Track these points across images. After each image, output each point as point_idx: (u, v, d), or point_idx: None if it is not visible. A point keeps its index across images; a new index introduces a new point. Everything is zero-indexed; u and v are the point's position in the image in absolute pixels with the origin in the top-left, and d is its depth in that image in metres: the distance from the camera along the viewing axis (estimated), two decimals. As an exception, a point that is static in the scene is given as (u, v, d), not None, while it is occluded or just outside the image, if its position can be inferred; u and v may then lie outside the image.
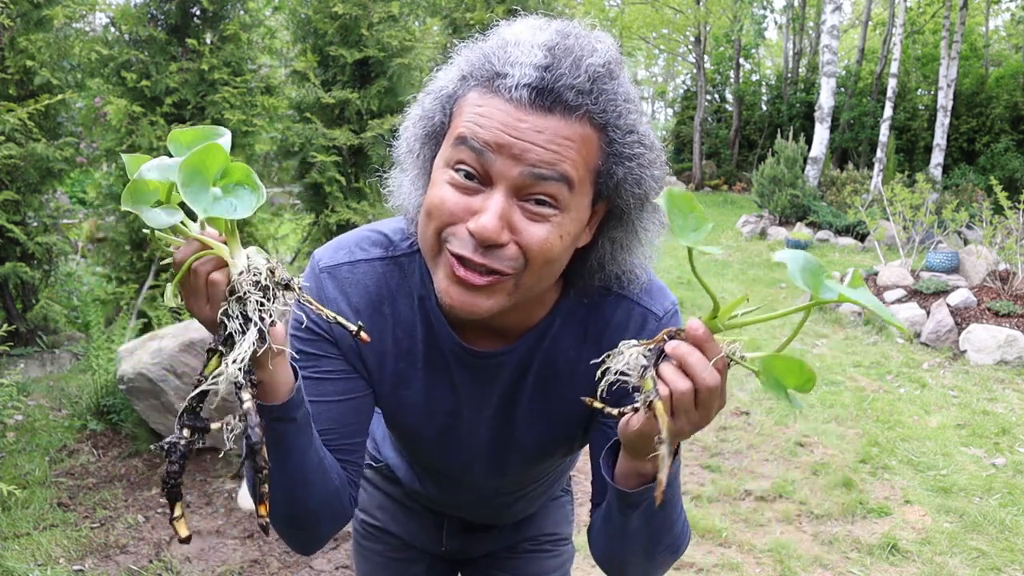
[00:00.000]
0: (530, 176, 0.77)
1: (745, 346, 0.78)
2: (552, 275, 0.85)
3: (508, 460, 1.06)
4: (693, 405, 0.74)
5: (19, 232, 4.33)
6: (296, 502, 0.89)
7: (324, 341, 0.95)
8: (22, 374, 4.01)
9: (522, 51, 0.78)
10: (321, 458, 0.90)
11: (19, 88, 4.48)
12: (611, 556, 0.95)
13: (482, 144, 0.78)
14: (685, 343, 0.74)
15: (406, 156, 0.91)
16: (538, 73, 0.77)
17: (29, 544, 2.72)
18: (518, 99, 0.77)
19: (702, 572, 2.79)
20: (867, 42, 21.51)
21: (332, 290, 0.94)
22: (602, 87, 0.79)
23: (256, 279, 0.71)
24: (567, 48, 0.78)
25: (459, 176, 0.80)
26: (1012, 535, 3.09)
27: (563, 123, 0.78)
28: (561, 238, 0.81)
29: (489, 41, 0.83)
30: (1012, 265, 6.30)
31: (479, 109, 0.79)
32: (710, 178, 19.49)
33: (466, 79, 0.82)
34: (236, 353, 0.69)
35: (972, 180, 15.07)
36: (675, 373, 0.74)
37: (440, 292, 0.84)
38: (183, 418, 0.70)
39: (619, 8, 21.32)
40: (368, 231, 0.99)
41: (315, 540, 0.97)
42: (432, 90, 0.87)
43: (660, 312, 0.97)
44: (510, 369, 0.97)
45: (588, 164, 0.80)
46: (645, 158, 0.83)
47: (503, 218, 0.78)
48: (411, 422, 1.02)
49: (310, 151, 4.83)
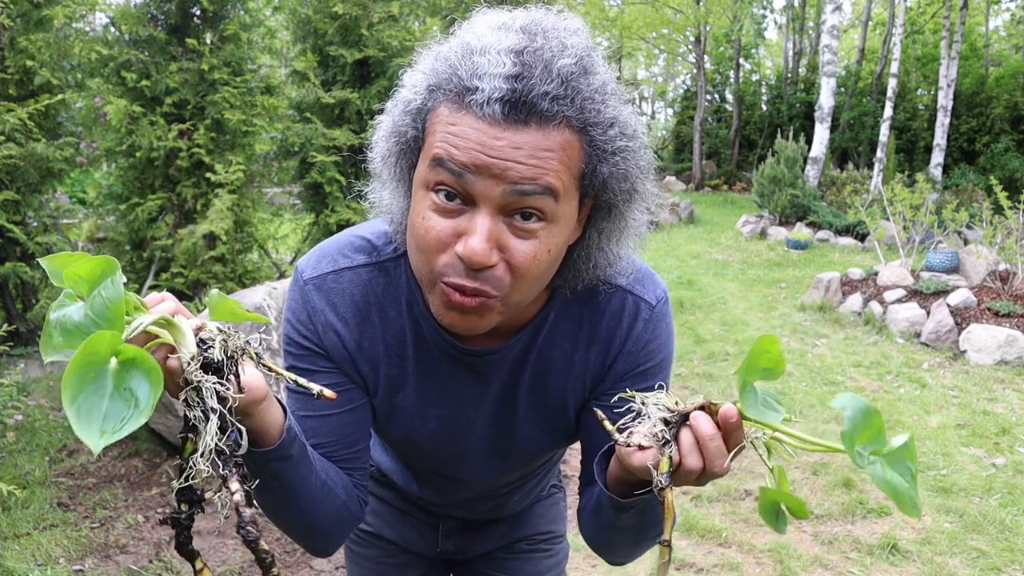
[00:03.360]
0: (513, 193, 0.75)
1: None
2: (541, 285, 0.85)
3: (507, 455, 1.06)
4: (696, 479, 0.74)
5: (19, 232, 4.34)
6: (304, 523, 0.91)
7: (316, 355, 0.94)
8: (22, 374, 4.01)
9: (489, 60, 0.74)
10: (324, 480, 0.90)
11: (19, 88, 4.49)
12: (597, 540, 0.98)
13: (460, 167, 0.75)
14: (711, 424, 0.73)
15: (382, 168, 0.88)
16: (508, 85, 0.72)
17: (29, 544, 2.72)
18: (491, 115, 0.73)
19: (702, 572, 2.79)
20: (867, 42, 21.51)
21: (318, 301, 0.93)
22: (577, 88, 0.75)
23: (208, 360, 0.67)
24: (536, 51, 0.74)
25: (440, 198, 0.77)
26: (1012, 535, 3.09)
27: (540, 134, 0.74)
28: (549, 251, 0.80)
29: (453, 47, 0.78)
30: (1012, 265, 6.30)
31: (452, 128, 0.75)
32: (710, 178, 19.48)
33: (434, 91, 0.78)
34: (202, 446, 0.67)
35: (972, 180, 15.07)
36: (691, 450, 0.73)
37: (438, 317, 0.83)
38: (179, 494, 0.69)
39: (619, 8, 21.31)
40: (350, 237, 0.97)
41: (329, 547, 0.99)
42: (400, 100, 0.83)
43: (653, 300, 0.96)
44: (506, 366, 0.97)
45: (572, 171, 0.78)
46: (629, 150, 0.81)
47: (491, 239, 0.76)
48: (406, 425, 1.02)
49: (310, 151, 4.83)
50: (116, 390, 0.60)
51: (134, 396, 0.60)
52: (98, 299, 0.62)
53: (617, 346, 0.96)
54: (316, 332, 0.93)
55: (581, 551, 2.80)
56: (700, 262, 9.32)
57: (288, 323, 0.95)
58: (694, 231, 11.71)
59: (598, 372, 0.97)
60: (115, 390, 0.60)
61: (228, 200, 4.32)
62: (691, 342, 5.74)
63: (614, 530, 0.92)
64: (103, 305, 0.62)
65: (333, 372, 0.94)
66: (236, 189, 4.48)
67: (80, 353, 0.58)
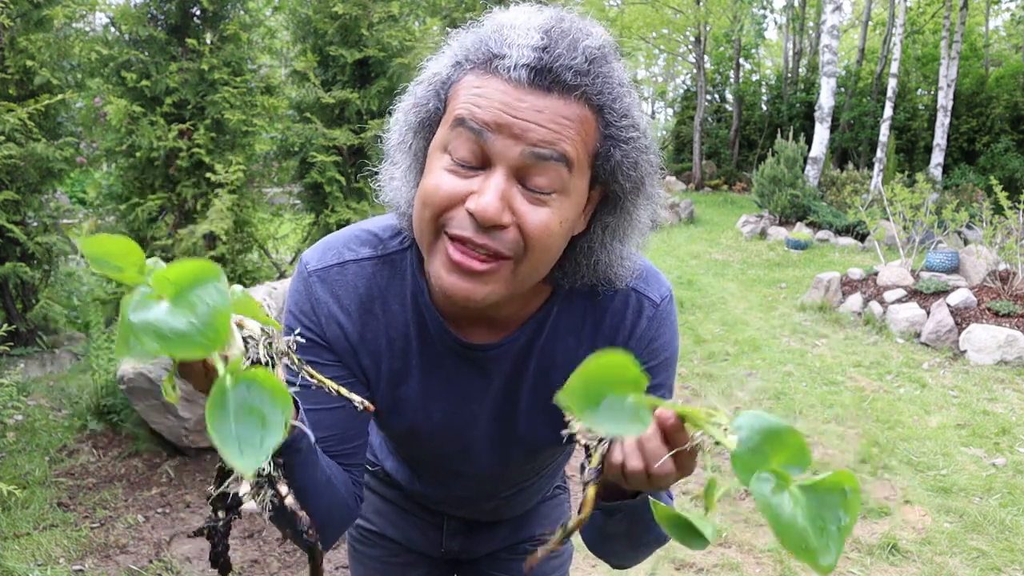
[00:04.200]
0: (531, 156, 0.77)
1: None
2: (548, 263, 0.85)
3: (511, 452, 1.06)
4: (646, 481, 0.74)
5: (19, 232, 4.34)
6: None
7: (319, 347, 0.94)
8: (22, 374, 4.01)
9: (519, 33, 0.78)
10: (328, 475, 0.90)
11: (19, 88, 4.49)
12: (594, 544, 0.98)
13: (481, 124, 0.77)
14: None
15: (397, 148, 0.89)
16: (536, 54, 0.76)
17: (29, 544, 2.72)
18: (517, 79, 0.76)
19: (702, 572, 2.79)
20: (867, 42, 21.50)
21: (322, 293, 0.93)
22: (598, 69, 0.78)
23: (256, 360, 0.66)
24: (563, 31, 0.78)
25: (456, 160, 0.79)
26: (1012, 535, 3.09)
27: (562, 103, 0.77)
28: (560, 223, 0.81)
29: (483, 27, 0.83)
30: (1012, 265, 6.30)
31: (477, 90, 0.78)
32: (710, 178, 19.48)
33: (460, 64, 0.82)
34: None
35: (972, 180, 15.06)
36: (632, 450, 0.73)
37: (436, 280, 0.82)
38: (215, 503, 0.68)
39: (619, 8, 21.31)
40: (356, 230, 0.97)
41: (326, 542, 0.99)
42: (424, 78, 0.86)
43: (657, 298, 0.97)
44: (509, 361, 0.97)
45: (587, 146, 0.80)
46: (640, 142, 0.83)
47: (504, 199, 0.77)
48: (410, 418, 1.02)
49: (310, 151, 4.83)
50: (243, 411, 0.56)
51: (261, 414, 0.57)
52: (202, 306, 0.56)
53: (620, 344, 0.96)
54: (319, 324, 0.93)
55: (581, 551, 2.80)
56: (700, 262, 9.32)
57: (291, 314, 0.95)
58: (694, 231, 11.71)
59: None
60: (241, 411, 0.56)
61: (228, 200, 4.32)
62: (691, 342, 5.74)
63: (606, 535, 0.93)
64: (209, 313, 0.56)
65: (335, 365, 0.95)
66: (236, 189, 4.48)
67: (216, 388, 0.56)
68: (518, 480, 1.19)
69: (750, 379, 4.95)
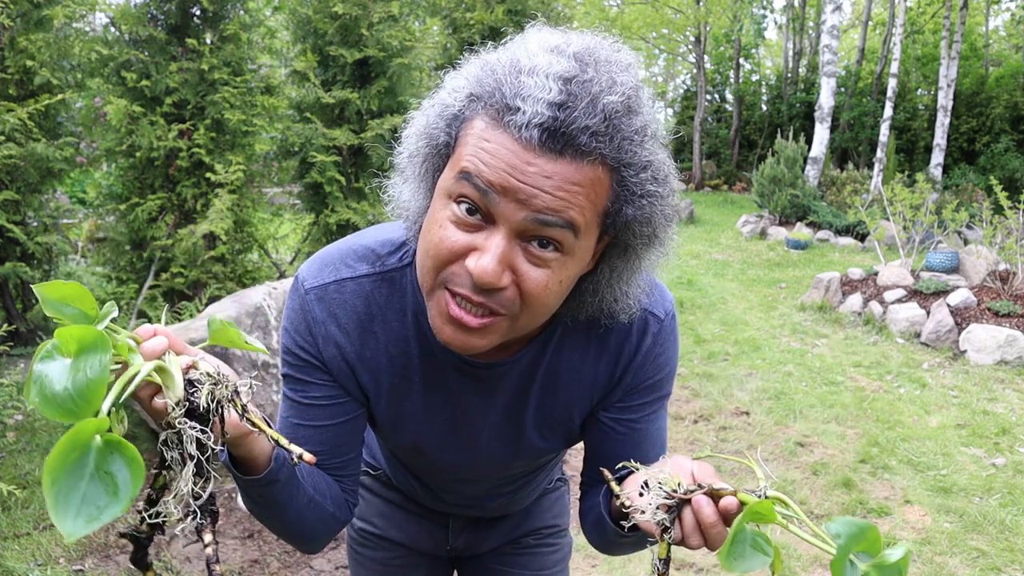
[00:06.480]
0: (534, 221, 0.74)
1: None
2: (547, 315, 0.83)
3: (511, 461, 1.08)
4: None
5: (19, 232, 4.34)
6: (291, 531, 0.96)
7: (312, 367, 0.94)
8: (22, 374, 4.01)
9: (536, 83, 0.72)
10: (311, 496, 0.93)
11: (19, 88, 4.48)
12: (601, 547, 1.04)
13: (486, 184, 0.73)
14: (713, 511, 0.75)
15: (408, 165, 0.87)
16: (551, 112, 0.71)
17: (29, 544, 2.72)
18: (527, 139, 0.72)
19: (702, 572, 2.79)
20: (867, 42, 21.50)
21: (320, 312, 0.92)
22: (618, 126, 0.73)
23: (193, 406, 0.66)
24: (584, 83, 0.72)
25: (461, 211, 0.76)
26: (1012, 535, 3.08)
27: (573, 167, 0.73)
28: (560, 283, 0.79)
29: (502, 60, 0.76)
30: (1012, 265, 6.30)
31: (485, 144, 0.74)
32: (710, 178, 19.48)
33: (474, 101, 0.77)
34: (175, 489, 0.66)
35: (972, 180, 15.07)
36: (693, 531, 0.76)
37: (434, 328, 0.82)
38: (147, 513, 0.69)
39: (619, 8, 21.30)
40: (353, 244, 0.96)
41: (316, 549, 1.03)
42: (438, 102, 0.81)
43: (661, 314, 0.97)
44: (513, 379, 0.97)
45: (596, 208, 0.77)
46: (657, 195, 0.79)
47: (503, 261, 0.75)
48: (413, 431, 1.02)
49: (310, 151, 4.83)
50: (97, 472, 0.56)
51: (115, 482, 0.56)
52: (81, 375, 0.58)
53: (626, 360, 0.96)
54: (315, 344, 0.93)
55: (581, 551, 2.80)
56: (700, 262, 9.32)
57: (287, 332, 0.95)
58: (694, 231, 11.71)
59: (606, 384, 0.98)
60: (96, 472, 0.56)
61: (228, 200, 4.32)
62: (691, 342, 5.74)
63: (616, 544, 0.97)
64: (84, 384, 0.57)
65: (328, 384, 0.95)
66: (236, 189, 4.48)
67: (65, 440, 0.55)
68: (519, 480, 1.20)
69: (749, 379, 4.96)
